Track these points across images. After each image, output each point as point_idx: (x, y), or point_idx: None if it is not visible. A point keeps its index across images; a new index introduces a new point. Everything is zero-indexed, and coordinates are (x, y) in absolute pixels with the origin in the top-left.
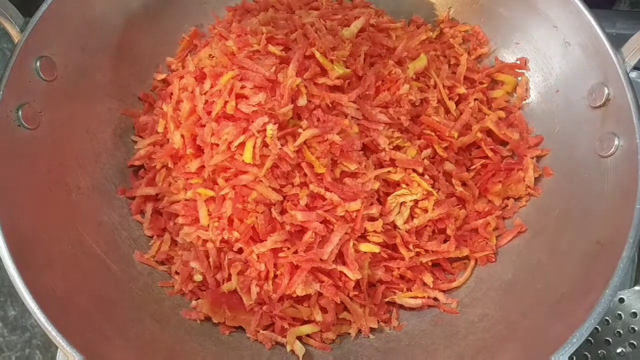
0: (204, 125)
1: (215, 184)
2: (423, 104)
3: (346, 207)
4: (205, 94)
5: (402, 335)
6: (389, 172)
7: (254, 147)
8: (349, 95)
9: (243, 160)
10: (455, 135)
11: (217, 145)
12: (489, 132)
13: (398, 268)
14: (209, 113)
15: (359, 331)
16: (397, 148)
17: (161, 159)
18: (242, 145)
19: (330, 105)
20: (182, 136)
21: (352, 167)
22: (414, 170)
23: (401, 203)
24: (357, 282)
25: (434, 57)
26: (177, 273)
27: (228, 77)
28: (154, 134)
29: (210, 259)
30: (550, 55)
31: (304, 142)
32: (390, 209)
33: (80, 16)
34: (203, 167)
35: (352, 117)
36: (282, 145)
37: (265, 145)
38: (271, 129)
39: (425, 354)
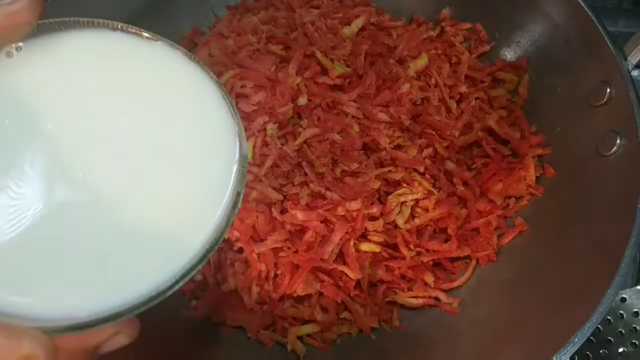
0: None
1: None
2: (424, 103)
3: (347, 206)
4: None
5: (403, 335)
6: (390, 171)
7: (254, 146)
8: (349, 95)
9: None
10: (456, 134)
11: None
12: (490, 131)
13: (399, 267)
14: None
15: (360, 331)
16: (398, 147)
17: None
18: None
19: (331, 104)
20: None
21: (353, 166)
22: (415, 170)
23: (402, 202)
24: (358, 282)
25: (434, 55)
26: None
27: (228, 77)
28: None
29: (210, 259)
30: (552, 54)
31: (304, 142)
32: (390, 208)
33: (79, 16)
34: None
35: (352, 116)
36: (282, 144)
37: (265, 144)
38: (271, 128)
39: (426, 354)
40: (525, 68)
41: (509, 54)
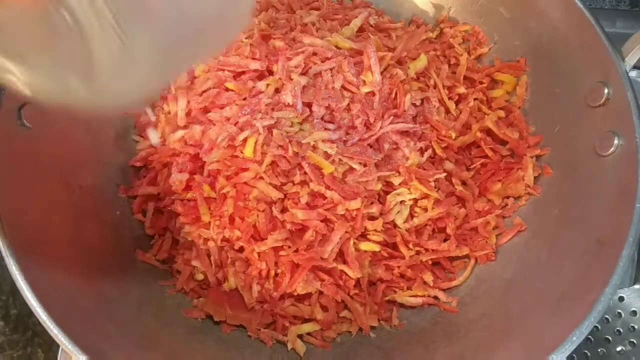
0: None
1: (216, 180)
2: (424, 104)
3: (346, 205)
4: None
5: (402, 333)
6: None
7: (255, 142)
8: None
9: (243, 156)
10: (453, 135)
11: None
12: (488, 132)
13: (398, 267)
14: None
15: (360, 329)
16: (396, 149)
17: (160, 160)
18: (244, 141)
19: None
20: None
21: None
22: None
23: (401, 202)
24: (358, 281)
25: (434, 57)
26: (178, 272)
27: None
28: None
29: (212, 258)
30: (550, 55)
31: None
32: (390, 207)
33: None
34: (202, 165)
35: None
36: (286, 143)
37: (267, 143)
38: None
39: (425, 353)
40: (524, 69)
41: (507, 55)
